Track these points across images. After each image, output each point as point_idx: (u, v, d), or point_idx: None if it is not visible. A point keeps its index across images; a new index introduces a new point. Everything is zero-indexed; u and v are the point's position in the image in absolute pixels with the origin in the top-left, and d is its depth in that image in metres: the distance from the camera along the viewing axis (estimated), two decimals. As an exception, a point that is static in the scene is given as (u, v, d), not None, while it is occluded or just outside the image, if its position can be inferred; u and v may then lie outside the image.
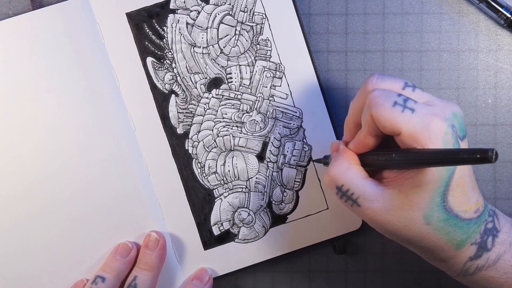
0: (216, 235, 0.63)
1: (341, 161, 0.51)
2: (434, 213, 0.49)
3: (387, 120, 0.47)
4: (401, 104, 0.48)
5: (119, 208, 0.62)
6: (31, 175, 0.61)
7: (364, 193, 0.50)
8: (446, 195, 0.48)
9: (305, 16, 0.64)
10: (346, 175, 0.50)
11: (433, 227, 0.49)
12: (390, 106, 0.47)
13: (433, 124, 0.47)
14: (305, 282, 0.65)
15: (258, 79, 0.62)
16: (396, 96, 0.48)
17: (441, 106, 0.49)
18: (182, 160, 0.62)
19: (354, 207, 0.50)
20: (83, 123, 0.61)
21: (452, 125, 0.48)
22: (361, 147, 0.51)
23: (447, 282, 0.64)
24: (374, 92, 0.49)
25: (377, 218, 0.50)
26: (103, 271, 0.60)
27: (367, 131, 0.50)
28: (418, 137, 0.47)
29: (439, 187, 0.48)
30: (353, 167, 0.51)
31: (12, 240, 0.61)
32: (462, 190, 0.49)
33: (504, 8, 0.62)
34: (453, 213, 0.49)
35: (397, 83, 0.50)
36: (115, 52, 0.62)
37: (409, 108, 0.48)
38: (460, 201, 0.49)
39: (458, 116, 0.49)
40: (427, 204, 0.48)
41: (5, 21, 0.61)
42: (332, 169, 0.51)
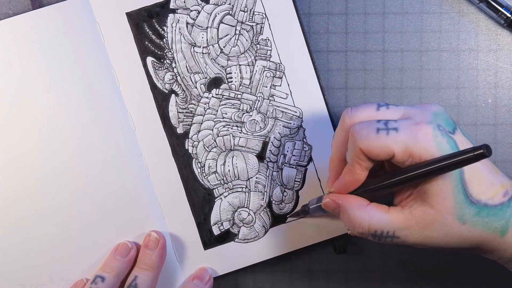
0: (216, 235, 0.63)
1: (357, 212, 0.51)
2: (465, 211, 0.49)
3: (377, 148, 0.48)
4: (383, 128, 0.48)
5: (119, 208, 0.62)
6: (31, 175, 0.61)
7: (398, 224, 0.50)
8: (466, 189, 0.49)
9: (305, 16, 0.64)
10: (373, 222, 0.50)
11: (470, 224, 0.49)
12: (375, 134, 0.48)
13: (420, 133, 0.48)
14: (305, 282, 0.65)
15: (258, 78, 0.62)
16: (377, 123, 0.49)
17: (420, 113, 0.50)
18: (182, 160, 0.62)
19: (394, 241, 0.51)
20: (83, 123, 0.61)
21: (437, 125, 0.48)
22: (352, 183, 0.51)
23: (447, 282, 0.64)
24: (355, 127, 0.49)
25: (420, 240, 0.50)
26: (103, 271, 0.60)
27: (357, 166, 0.50)
28: (411, 151, 0.48)
29: (456, 185, 0.48)
30: (371, 210, 0.51)
31: (12, 240, 0.61)
32: (480, 178, 0.49)
33: (504, 7, 0.62)
34: (481, 203, 0.49)
35: (370, 108, 0.51)
36: (115, 52, 0.62)
37: (392, 128, 0.48)
38: (483, 189, 0.49)
39: (440, 114, 0.50)
40: (454, 206, 0.49)
41: (5, 21, 0.61)
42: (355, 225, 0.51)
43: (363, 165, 0.50)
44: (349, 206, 0.52)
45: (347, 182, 0.51)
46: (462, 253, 0.63)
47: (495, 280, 0.64)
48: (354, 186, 0.52)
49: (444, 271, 0.64)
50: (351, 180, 0.51)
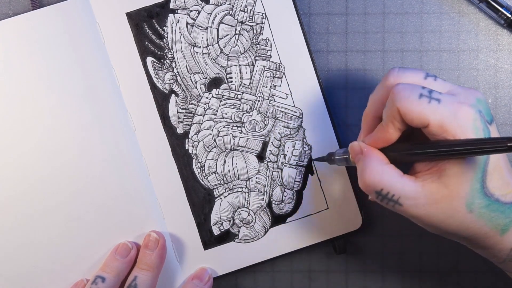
0: (216, 235, 0.63)
1: (373, 164, 0.50)
2: (475, 200, 0.48)
3: (415, 112, 0.47)
4: (426, 95, 0.48)
5: (119, 208, 0.62)
6: (31, 175, 0.61)
7: (405, 192, 0.49)
8: (484, 180, 0.48)
9: (305, 16, 0.64)
10: (383, 178, 0.49)
11: (476, 214, 0.49)
12: (417, 98, 0.48)
13: (461, 111, 0.48)
14: (305, 282, 0.65)
15: (258, 79, 0.62)
16: (421, 89, 0.48)
17: (464, 94, 0.49)
18: (182, 160, 0.62)
19: (396, 207, 0.50)
20: (83, 123, 0.61)
21: (479, 111, 0.48)
22: (383, 141, 0.51)
23: (447, 282, 0.64)
24: (398, 86, 0.49)
25: (421, 214, 0.49)
26: (103, 271, 0.60)
27: (390, 125, 0.50)
28: (447, 126, 0.47)
29: (477, 173, 0.48)
30: (386, 168, 0.50)
31: (12, 240, 0.61)
32: (500, 174, 0.49)
33: (504, 8, 0.62)
34: (493, 198, 0.49)
35: (418, 74, 0.51)
36: (115, 52, 0.62)
37: (435, 98, 0.48)
38: (499, 185, 0.49)
39: (483, 102, 0.50)
40: (467, 192, 0.48)
41: (5, 21, 0.61)
42: (365, 174, 0.50)
43: (397, 126, 0.49)
44: (369, 156, 0.51)
45: (378, 138, 0.51)
46: (464, 250, 0.63)
47: (495, 280, 0.64)
48: (384, 144, 0.51)
49: (444, 271, 0.64)
50: (382, 137, 0.51)
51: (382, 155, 0.51)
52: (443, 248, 0.64)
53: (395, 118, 0.49)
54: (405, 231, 0.64)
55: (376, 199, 0.51)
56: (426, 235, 0.64)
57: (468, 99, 0.49)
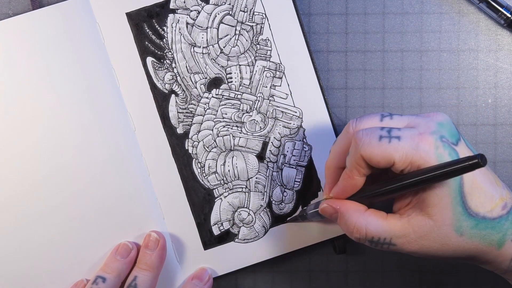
0: (216, 235, 0.63)
1: (354, 218, 0.51)
2: (462, 223, 0.49)
3: (378, 155, 0.48)
4: (386, 136, 0.48)
5: (119, 208, 0.62)
6: (31, 175, 0.61)
7: (394, 232, 0.50)
8: (465, 201, 0.49)
9: (305, 16, 0.64)
10: (370, 228, 0.50)
11: (467, 236, 0.49)
12: (377, 141, 0.48)
13: (422, 143, 0.48)
14: (305, 282, 0.65)
15: (258, 79, 0.62)
16: (380, 130, 0.49)
17: (424, 123, 0.50)
18: (182, 160, 0.62)
19: (391, 248, 0.51)
20: (83, 123, 0.61)
21: (440, 137, 0.48)
22: (350, 189, 0.52)
23: (447, 282, 0.64)
24: (358, 133, 0.49)
25: (415, 249, 0.50)
26: (104, 271, 0.60)
27: (355, 172, 0.50)
28: (411, 159, 0.48)
29: (454, 197, 0.48)
30: (369, 216, 0.51)
31: (12, 240, 0.61)
32: (480, 191, 0.49)
33: (504, 8, 0.62)
34: (479, 216, 0.49)
35: (374, 118, 0.51)
36: (115, 52, 0.62)
37: (394, 137, 0.48)
38: (482, 202, 0.49)
39: (445, 124, 0.50)
40: (452, 218, 0.49)
41: (5, 21, 0.61)
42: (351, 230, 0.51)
43: (362, 171, 0.50)
44: (347, 211, 0.52)
45: (345, 187, 0.52)
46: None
47: (495, 280, 0.64)
48: (352, 191, 0.52)
49: (444, 271, 0.64)
50: (348, 185, 0.51)
51: (357, 204, 0.52)
52: (443, 248, 0.64)
53: (359, 165, 0.49)
54: (405, 231, 0.64)
55: (371, 246, 0.51)
56: (426, 235, 0.64)
57: (428, 127, 0.49)
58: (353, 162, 0.50)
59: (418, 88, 0.64)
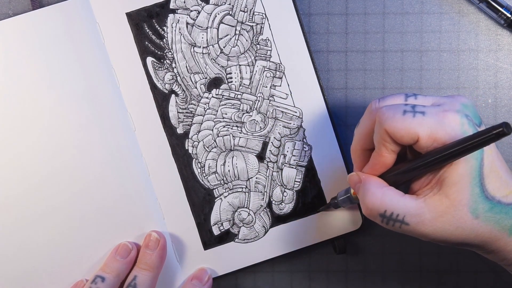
0: (216, 235, 0.63)
1: (373, 188, 0.51)
2: (479, 205, 0.48)
3: (402, 129, 0.48)
4: (410, 110, 0.48)
5: (119, 208, 0.62)
6: (31, 175, 0.61)
7: (409, 210, 0.49)
8: (483, 183, 0.48)
9: (305, 16, 0.64)
10: (385, 200, 0.50)
11: (482, 220, 0.49)
12: (401, 115, 0.48)
13: (447, 118, 0.48)
14: (305, 282, 0.65)
15: (258, 79, 0.62)
16: (403, 106, 0.49)
17: (449, 102, 0.50)
18: (182, 160, 0.62)
19: (403, 227, 0.50)
20: (83, 123, 0.61)
21: (465, 115, 0.48)
22: (379, 168, 0.51)
23: (447, 282, 0.64)
24: (382, 109, 0.49)
25: (429, 230, 0.49)
26: (103, 271, 0.60)
27: (383, 149, 0.50)
28: (436, 135, 0.47)
29: (474, 177, 0.48)
30: (387, 190, 0.50)
31: (12, 240, 0.61)
32: (497, 175, 0.49)
33: (504, 8, 0.62)
34: (495, 200, 0.49)
35: (397, 97, 0.51)
36: (115, 52, 0.62)
37: (419, 112, 0.48)
38: (498, 186, 0.49)
39: (469, 106, 0.50)
40: (469, 198, 0.48)
41: (5, 21, 0.61)
42: (367, 199, 0.50)
43: (389, 148, 0.49)
44: (368, 181, 0.51)
45: (374, 165, 0.51)
46: (464, 251, 0.63)
47: (495, 280, 0.64)
48: (382, 169, 0.51)
49: (444, 271, 0.64)
50: (378, 163, 0.51)
51: (380, 180, 0.51)
52: (443, 248, 0.64)
53: (385, 141, 0.49)
54: (405, 231, 0.64)
55: (382, 223, 0.50)
56: (426, 235, 0.64)
57: (453, 106, 0.49)
58: (379, 139, 0.49)
59: (418, 88, 0.64)
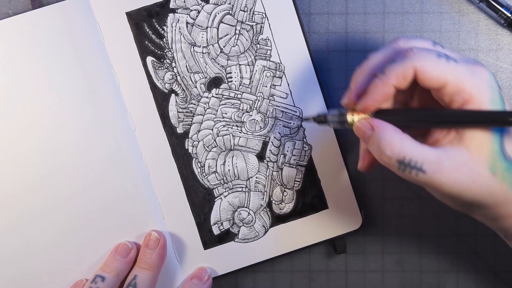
0: (216, 235, 0.63)
1: (390, 135, 0.49)
2: (497, 162, 0.48)
3: (432, 71, 0.48)
4: (444, 56, 0.48)
5: (119, 208, 0.62)
6: (31, 175, 0.61)
7: (427, 158, 0.48)
8: (503, 142, 0.49)
9: (305, 15, 0.64)
10: (403, 146, 0.48)
11: (499, 177, 0.48)
12: (435, 57, 0.48)
13: (477, 71, 0.48)
14: (305, 282, 0.65)
15: (258, 78, 0.62)
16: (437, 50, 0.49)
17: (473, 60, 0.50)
18: (182, 160, 0.62)
19: (419, 176, 0.48)
20: (83, 122, 0.61)
21: (492, 73, 0.49)
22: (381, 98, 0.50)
23: (447, 282, 0.64)
24: (416, 48, 0.49)
25: (446, 180, 0.48)
26: (103, 270, 0.60)
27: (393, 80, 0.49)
28: (464, 84, 0.47)
29: (496, 135, 0.48)
30: (404, 137, 0.49)
31: (12, 240, 0.61)
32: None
33: (504, 7, 0.62)
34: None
35: (425, 41, 0.51)
36: (115, 51, 0.62)
37: (452, 59, 0.48)
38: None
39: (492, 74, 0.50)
40: (489, 154, 0.48)
41: (5, 21, 0.61)
42: (385, 146, 0.48)
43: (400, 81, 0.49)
44: (383, 129, 0.49)
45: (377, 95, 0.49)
46: (465, 251, 0.63)
47: (495, 280, 0.64)
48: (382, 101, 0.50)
49: (444, 271, 0.64)
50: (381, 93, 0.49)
51: (394, 126, 0.50)
52: (443, 248, 0.64)
53: (404, 75, 0.48)
54: (405, 231, 0.64)
55: (399, 170, 0.49)
56: (426, 235, 0.64)
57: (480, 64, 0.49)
58: (398, 70, 0.48)
59: (418, 88, 0.64)
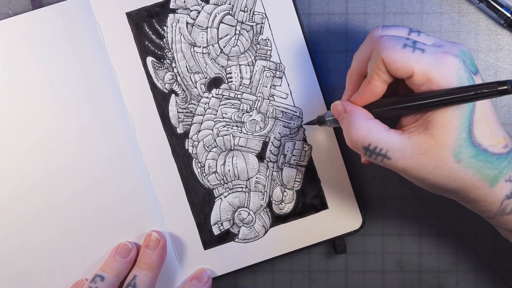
0: (216, 235, 0.63)
1: (358, 120, 0.51)
2: (463, 150, 0.48)
3: (399, 62, 0.48)
4: (411, 45, 0.48)
5: (119, 208, 0.62)
6: (31, 175, 0.61)
7: (392, 145, 0.49)
8: (471, 129, 0.48)
9: (305, 15, 0.64)
10: (369, 133, 0.50)
11: (464, 164, 0.49)
12: (401, 47, 0.48)
13: (445, 60, 0.48)
14: (305, 282, 0.65)
15: (258, 78, 0.62)
16: (405, 39, 0.49)
17: (449, 46, 0.50)
18: (182, 160, 0.62)
19: (385, 161, 0.50)
20: (83, 122, 0.61)
21: (463, 61, 0.48)
22: (368, 96, 0.51)
23: (447, 282, 0.64)
24: (383, 37, 0.49)
25: (410, 166, 0.49)
26: (103, 270, 0.60)
27: (375, 77, 0.50)
28: (431, 75, 0.48)
29: (463, 122, 0.48)
30: (372, 123, 0.50)
31: (12, 240, 0.61)
32: (487, 123, 0.49)
33: (504, 7, 0.62)
34: (481, 147, 0.49)
35: (401, 29, 0.51)
36: (115, 52, 0.62)
37: (419, 48, 0.48)
38: (487, 134, 0.49)
39: (467, 54, 0.50)
40: (454, 141, 0.48)
41: (5, 21, 0.61)
42: (352, 131, 0.50)
43: (382, 77, 0.50)
44: (353, 113, 0.51)
45: (364, 93, 0.51)
46: (464, 251, 0.63)
47: (495, 280, 0.64)
48: (371, 98, 0.51)
49: (444, 271, 0.64)
50: (368, 91, 0.51)
51: (366, 111, 0.51)
52: (443, 248, 0.64)
53: (380, 69, 0.49)
54: (405, 231, 0.64)
55: (365, 155, 0.51)
56: (426, 235, 0.64)
57: (452, 50, 0.49)
58: (374, 67, 0.49)
59: (418, 88, 0.64)
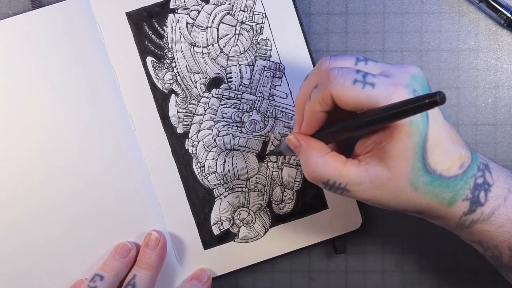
0: (216, 235, 0.63)
1: (315, 157, 0.51)
2: (418, 178, 0.49)
3: (349, 98, 0.47)
4: (360, 80, 0.48)
5: (119, 208, 0.62)
6: (31, 175, 0.61)
7: (350, 179, 0.50)
8: (425, 157, 0.49)
9: (305, 15, 0.64)
10: (327, 169, 0.50)
11: (421, 192, 0.50)
12: (351, 84, 0.48)
13: (395, 94, 0.47)
14: (305, 282, 0.65)
15: (258, 78, 0.62)
16: (355, 73, 0.48)
17: (398, 74, 0.49)
18: (182, 160, 0.62)
19: (345, 193, 0.51)
20: (83, 122, 0.61)
21: (413, 90, 0.48)
22: (314, 123, 0.51)
23: (447, 282, 0.64)
24: (333, 71, 0.48)
25: (369, 197, 0.50)
26: (102, 270, 0.60)
27: (317, 106, 0.49)
28: None
29: (416, 152, 0.48)
30: (328, 158, 0.50)
31: (12, 240, 0.61)
32: (441, 148, 0.49)
33: (504, 7, 0.62)
34: (436, 173, 0.49)
35: (348, 59, 0.51)
36: (115, 51, 0.62)
37: (369, 83, 0.48)
38: (441, 159, 0.49)
39: (418, 77, 0.49)
40: (410, 171, 0.49)
41: (5, 21, 0.61)
42: (310, 168, 0.51)
43: (324, 107, 0.49)
44: (309, 148, 0.51)
45: (309, 120, 0.51)
46: (464, 250, 0.63)
47: (495, 280, 0.64)
48: (317, 125, 0.51)
49: (444, 271, 0.64)
50: (312, 119, 0.51)
51: (322, 144, 0.51)
52: (443, 248, 0.64)
53: (325, 101, 0.49)
54: (405, 231, 0.64)
55: (325, 189, 0.51)
56: (426, 235, 0.64)
57: (402, 79, 0.48)
58: (319, 97, 0.49)
59: (418, 88, 0.64)
